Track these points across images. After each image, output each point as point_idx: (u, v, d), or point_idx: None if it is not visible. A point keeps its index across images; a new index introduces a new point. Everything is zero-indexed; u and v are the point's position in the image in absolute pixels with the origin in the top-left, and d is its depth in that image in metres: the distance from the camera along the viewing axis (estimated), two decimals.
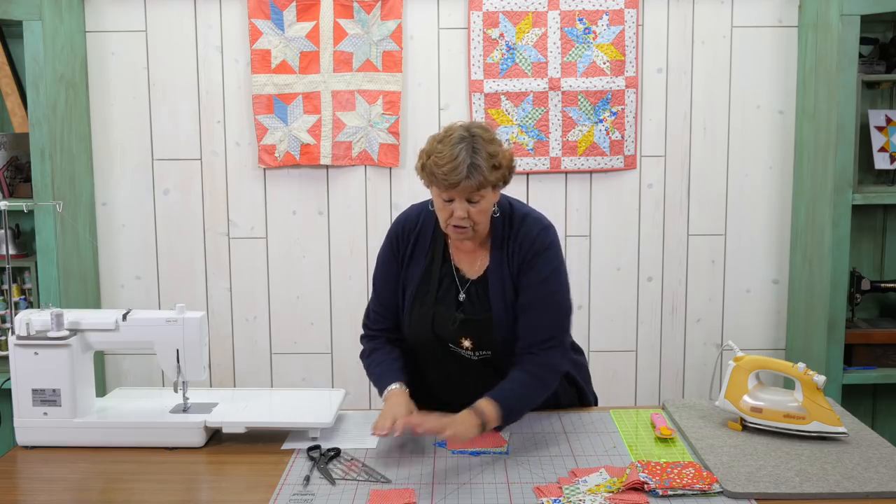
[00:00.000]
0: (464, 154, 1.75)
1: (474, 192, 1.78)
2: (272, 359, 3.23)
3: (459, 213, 1.80)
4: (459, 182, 1.75)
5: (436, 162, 1.77)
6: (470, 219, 1.81)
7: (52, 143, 2.81)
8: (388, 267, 2.00)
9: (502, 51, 3.05)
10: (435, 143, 1.80)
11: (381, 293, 2.02)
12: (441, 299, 1.93)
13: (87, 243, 3.05)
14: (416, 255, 1.96)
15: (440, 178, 1.76)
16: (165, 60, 3.09)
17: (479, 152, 1.76)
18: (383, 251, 2.02)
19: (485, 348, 1.92)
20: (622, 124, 3.08)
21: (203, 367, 1.95)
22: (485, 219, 1.86)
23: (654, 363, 3.24)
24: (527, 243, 1.89)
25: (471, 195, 1.78)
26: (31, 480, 1.74)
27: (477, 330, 1.90)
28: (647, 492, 1.60)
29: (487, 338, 1.90)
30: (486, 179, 1.77)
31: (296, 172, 3.13)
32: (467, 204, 1.80)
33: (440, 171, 1.75)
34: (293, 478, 1.69)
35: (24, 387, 1.87)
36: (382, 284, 2.02)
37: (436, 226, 1.94)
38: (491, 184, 1.80)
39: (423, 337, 1.95)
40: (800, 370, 1.83)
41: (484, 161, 1.76)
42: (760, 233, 3.17)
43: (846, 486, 1.60)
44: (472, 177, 1.75)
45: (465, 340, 1.92)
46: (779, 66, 3.09)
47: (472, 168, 1.75)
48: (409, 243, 1.97)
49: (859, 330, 2.96)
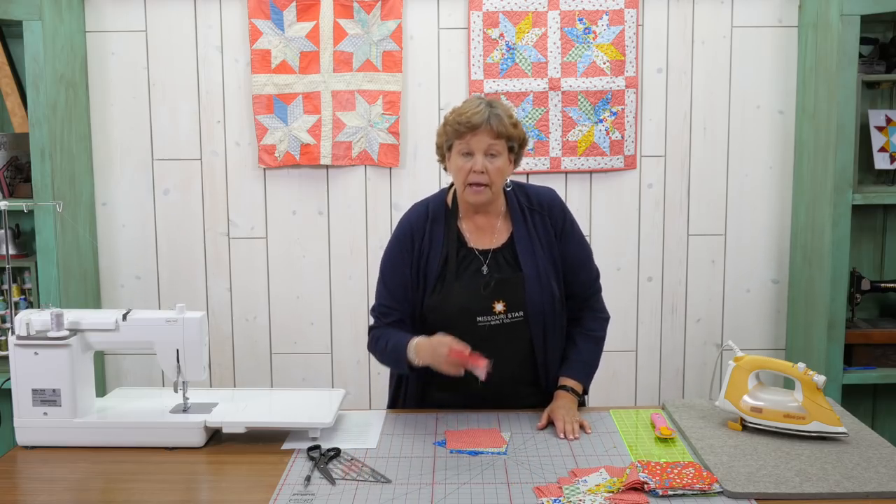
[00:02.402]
0: (484, 105, 1.93)
1: (493, 140, 1.91)
2: (272, 359, 3.23)
3: (478, 166, 1.92)
4: (482, 123, 1.90)
5: (458, 112, 1.94)
6: (487, 175, 1.92)
7: (52, 143, 2.81)
8: (397, 263, 2.04)
9: (502, 51, 3.05)
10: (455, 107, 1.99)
11: (392, 289, 2.05)
12: (462, 274, 2.01)
13: (87, 243, 3.06)
14: (434, 245, 2.03)
15: (463, 122, 1.91)
16: (165, 60, 3.09)
17: (498, 108, 1.94)
18: (391, 250, 2.06)
19: (517, 309, 1.99)
20: (622, 124, 3.08)
21: (203, 367, 1.95)
22: (499, 179, 1.97)
23: (654, 363, 3.24)
24: (555, 209, 2.06)
25: (490, 146, 1.91)
26: (31, 480, 1.74)
27: (509, 290, 1.98)
28: (647, 492, 1.60)
29: (520, 297, 1.98)
30: (504, 127, 1.92)
31: (296, 172, 3.13)
32: (485, 159, 1.92)
33: (462, 117, 1.91)
34: (293, 478, 1.69)
35: (24, 387, 1.87)
36: (392, 280, 2.05)
37: (447, 214, 2.05)
38: (508, 136, 1.93)
39: (452, 312, 1.98)
40: (800, 370, 1.83)
41: (504, 113, 1.93)
42: (760, 233, 3.17)
43: (846, 486, 1.60)
44: (491, 121, 1.90)
45: (497, 304, 1.98)
46: (779, 66, 3.09)
47: (492, 113, 1.91)
48: (423, 237, 2.03)
49: (859, 330, 2.96)
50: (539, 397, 2.06)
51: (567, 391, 2.01)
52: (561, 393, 2.01)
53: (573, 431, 1.89)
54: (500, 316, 1.99)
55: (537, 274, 2.00)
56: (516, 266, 2.01)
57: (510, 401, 2.06)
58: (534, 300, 1.99)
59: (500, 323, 1.99)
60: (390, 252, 2.07)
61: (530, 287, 1.99)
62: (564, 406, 1.97)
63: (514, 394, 2.07)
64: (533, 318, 2.00)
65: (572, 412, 1.95)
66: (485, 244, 2.04)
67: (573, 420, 1.92)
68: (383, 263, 2.08)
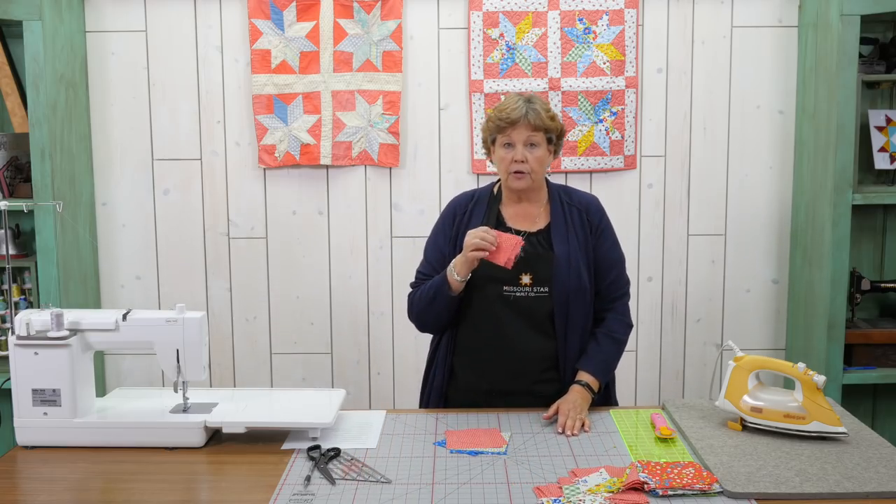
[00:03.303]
0: (522, 102, 2.07)
1: (532, 131, 2.04)
2: (272, 359, 3.23)
3: (518, 155, 2.05)
4: (520, 118, 2.03)
5: (499, 108, 2.08)
6: (528, 164, 2.05)
7: (52, 143, 2.81)
8: (438, 237, 2.21)
9: (502, 51, 3.05)
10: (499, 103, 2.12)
11: (431, 260, 2.20)
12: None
13: (87, 243, 3.06)
14: (474, 218, 2.16)
15: (503, 117, 2.05)
16: (165, 60, 3.09)
17: (536, 102, 2.08)
18: (437, 225, 2.24)
19: (543, 284, 2.07)
20: (622, 124, 3.08)
21: (203, 367, 1.95)
22: (540, 168, 2.09)
23: (654, 363, 3.24)
24: (593, 209, 2.18)
25: (529, 137, 2.05)
26: (31, 480, 1.74)
27: (538, 264, 2.07)
28: (647, 492, 1.60)
29: (547, 274, 2.07)
30: (542, 120, 2.05)
31: (296, 172, 3.13)
32: (525, 149, 2.04)
33: (503, 113, 2.05)
34: (293, 478, 1.69)
35: (24, 387, 1.87)
36: (432, 254, 2.21)
37: (489, 199, 2.18)
38: (546, 129, 2.06)
39: (480, 283, 2.07)
40: (800, 370, 1.83)
41: (541, 108, 2.07)
42: (760, 233, 3.17)
43: (846, 486, 1.60)
44: (529, 115, 2.03)
45: (524, 276, 2.07)
46: (779, 66, 3.09)
47: (530, 108, 2.05)
48: (467, 210, 2.18)
49: (859, 330, 2.96)
50: (556, 385, 2.09)
51: (582, 386, 2.05)
52: (575, 388, 2.04)
53: (573, 427, 1.91)
54: (526, 288, 2.07)
55: (567, 257, 2.09)
56: (549, 248, 2.10)
57: (529, 385, 2.10)
58: (560, 279, 2.07)
59: (525, 295, 2.08)
60: (434, 230, 2.23)
61: (559, 267, 2.07)
62: (574, 401, 2.00)
63: (534, 378, 2.10)
64: (558, 297, 2.07)
65: (578, 408, 1.97)
66: (523, 227, 2.14)
67: (577, 417, 1.94)
68: (427, 241, 2.24)
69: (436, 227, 2.24)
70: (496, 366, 2.10)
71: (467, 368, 2.15)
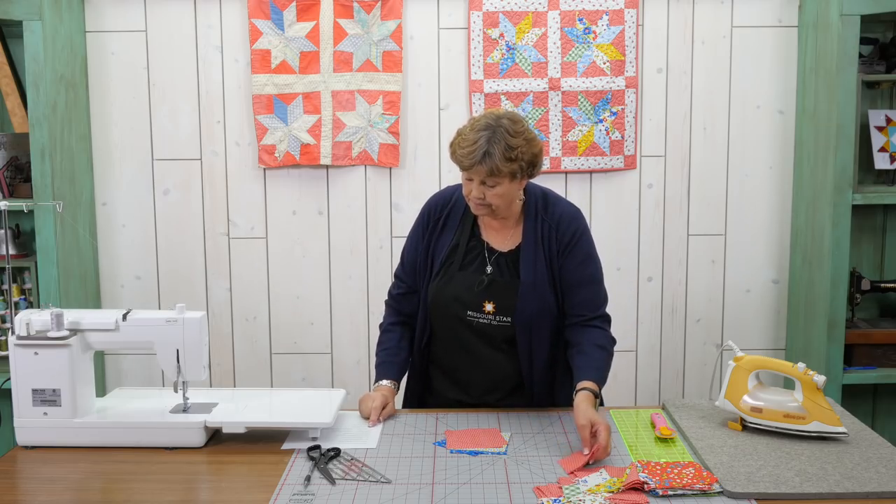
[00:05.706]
0: (482, 141, 1.88)
1: (487, 177, 1.91)
2: (272, 359, 3.23)
3: (475, 193, 1.95)
4: (472, 166, 1.90)
5: (458, 143, 1.94)
6: (485, 200, 1.95)
7: (52, 143, 2.81)
8: (412, 238, 2.16)
9: (502, 51, 3.05)
10: (465, 126, 1.97)
11: (406, 257, 2.17)
12: (467, 266, 2.06)
13: (87, 243, 3.06)
14: (448, 227, 2.10)
15: (458, 158, 1.93)
16: (165, 60, 3.09)
17: (497, 143, 1.88)
18: (414, 224, 2.17)
19: (506, 314, 2.02)
20: (622, 124, 3.08)
21: (203, 367, 1.94)
22: (502, 202, 1.97)
23: (654, 363, 3.24)
24: (563, 225, 2.04)
25: (485, 178, 1.92)
26: (31, 480, 1.74)
27: (501, 293, 2.02)
28: (647, 492, 1.60)
29: (510, 303, 2.01)
30: (497, 168, 1.89)
31: (296, 172, 3.13)
32: (483, 186, 1.93)
33: (459, 153, 1.92)
34: (293, 478, 1.69)
35: (24, 387, 1.87)
36: (407, 251, 2.17)
37: (465, 209, 2.09)
38: (504, 174, 1.91)
39: (445, 302, 2.05)
40: (800, 370, 1.83)
41: (499, 152, 1.88)
42: (760, 233, 3.17)
43: (846, 486, 1.60)
44: (483, 163, 1.88)
45: (487, 304, 2.02)
46: (779, 66, 3.09)
47: (485, 155, 1.88)
48: (441, 216, 2.11)
49: (859, 330, 2.96)
50: (527, 399, 2.09)
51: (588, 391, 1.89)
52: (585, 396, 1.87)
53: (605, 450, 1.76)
54: (489, 316, 2.03)
55: (534, 282, 2.01)
56: (516, 273, 2.03)
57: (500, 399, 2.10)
58: (524, 310, 2.00)
59: (487, 323, 2.04)
60: (411, 230, 2.18)
61: (524, 295, 2.00)
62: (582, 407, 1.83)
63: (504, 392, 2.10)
64: (520, 327, 2.02)
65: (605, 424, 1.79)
66: (496, 243, 2.08)
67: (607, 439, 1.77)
68: (405, 242, 2.20)
69: (412, 228, 2.17)
70: (467, 379, 2.10)
71: (441, 378, 2.16)
